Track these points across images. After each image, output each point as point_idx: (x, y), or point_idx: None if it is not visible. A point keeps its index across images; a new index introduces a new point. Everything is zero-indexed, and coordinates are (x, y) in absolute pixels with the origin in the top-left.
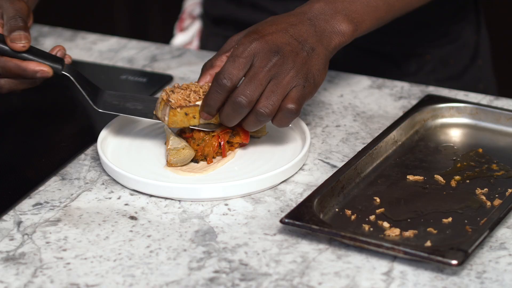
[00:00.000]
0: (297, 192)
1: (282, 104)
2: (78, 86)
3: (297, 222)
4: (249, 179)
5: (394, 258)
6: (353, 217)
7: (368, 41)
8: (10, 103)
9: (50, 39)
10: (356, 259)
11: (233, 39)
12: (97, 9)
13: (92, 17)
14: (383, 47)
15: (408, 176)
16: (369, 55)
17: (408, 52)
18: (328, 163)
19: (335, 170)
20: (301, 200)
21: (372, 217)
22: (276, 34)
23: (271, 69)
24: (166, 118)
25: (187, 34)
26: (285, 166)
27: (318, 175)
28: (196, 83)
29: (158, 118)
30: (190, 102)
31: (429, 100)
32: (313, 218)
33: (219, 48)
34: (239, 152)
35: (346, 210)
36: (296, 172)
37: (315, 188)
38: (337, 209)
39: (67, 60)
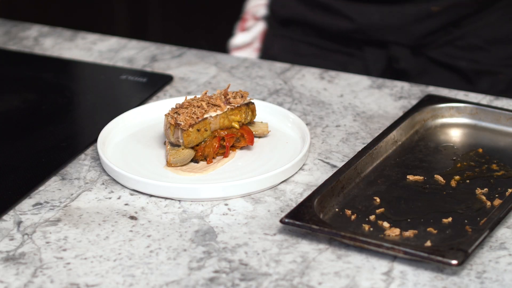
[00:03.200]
0: (297, 192)
1: None
2: None
3: (297, 222)
4: (249, 179)
5: (394, 258)
6: (353, 217)
7: (444, 55)
8: (10, 103)
9: (50, 39)
10: (356, 259)
11: None
12: (97, 9)
13: (92, 17)
14: (458, 62)
15: (408, 176)
16: (443, 68)
17: (481, 69)
18: (328, 163)
19: (335, 170)
20: (301, 200)
21: (372, 217)
22: None
23: None
24: (181, 141)
25: (248, 35)
26: (285, 166)
27: (318, 175)
28: (194, 97)
29: (172, 144)
30: (198, 118)
31: (429, 100)
32: (313, 218)
33: (284, 50)
34: (239, 152)
35: (346, 210)
36: (296, 172)
37: (315, 188)
38: (337, 209)
39: None
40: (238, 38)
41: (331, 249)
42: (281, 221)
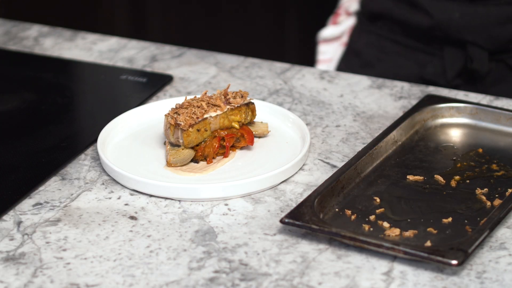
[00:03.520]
0: (297, 192)
1: None
2: None
3: (297, 222)
4: (249, 179)
5: (394, 258)
6: (353, 217)
7: None
8: (10, 103)
9: (50, 39)
10: (356, 259)
11: None
12: (97, 9)
13: (92, 17)
14: None
15: (408, 176)
16: None
17: None
18: (328, 163)
19: (335, 170)
20: (301, 200)
21: (372, 217)
22: None
23: None
24: (181, 141)
25: (338, 28)
26: (285, 166)
27: (318, 175)
28: (194, 97)
29: (172, 145)
30: (198, 118)
31: (429, 100)
32: (313, 218)
33: (369, 45)
34: (239, 152)
35: (346, 210)
36: (296, 172)
37: (315, 188)
38: (337, 209)
39: None
40: (328, 30)
41: (331, 249)
42: (281, 221)
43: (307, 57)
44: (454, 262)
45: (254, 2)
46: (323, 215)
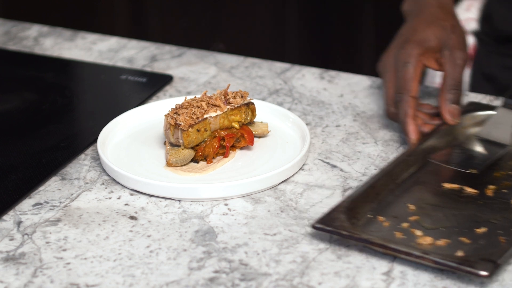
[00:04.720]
0: (297, 192)
1: None
2: None
3: (327, 228)
4: (249, 179)
5: (394, 258)
6: (385, 223)
7: None
8: (10, 103)
9: (50, 39)
10: (356, 259)
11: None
12: (97, 9)
13: (92, 17)
14: None
15: (443, 184)
16: None
17: None
18: (328, 163)
19: (335, 170)
20: (301, 200)
21: (405, 225)
22: None
23: None
24: (181, 141)
25: None
26: (285, 166)
27: (318, 175)
28: (194, 97)
29: (171, 145)
30: (198, 118)
31: (470, 108)
32: (344, 224)
33: (505, 68)
34: (239, 152)
35: (378, 216)
36: (296, 172)
37: (315, 188)
38: (370, 216)
39: None
40: None
41: (331, 249)
42: (312, 226)
43: (307, 57)
44: (484, 273)
45: (254, 1)
46: (355, 221)
